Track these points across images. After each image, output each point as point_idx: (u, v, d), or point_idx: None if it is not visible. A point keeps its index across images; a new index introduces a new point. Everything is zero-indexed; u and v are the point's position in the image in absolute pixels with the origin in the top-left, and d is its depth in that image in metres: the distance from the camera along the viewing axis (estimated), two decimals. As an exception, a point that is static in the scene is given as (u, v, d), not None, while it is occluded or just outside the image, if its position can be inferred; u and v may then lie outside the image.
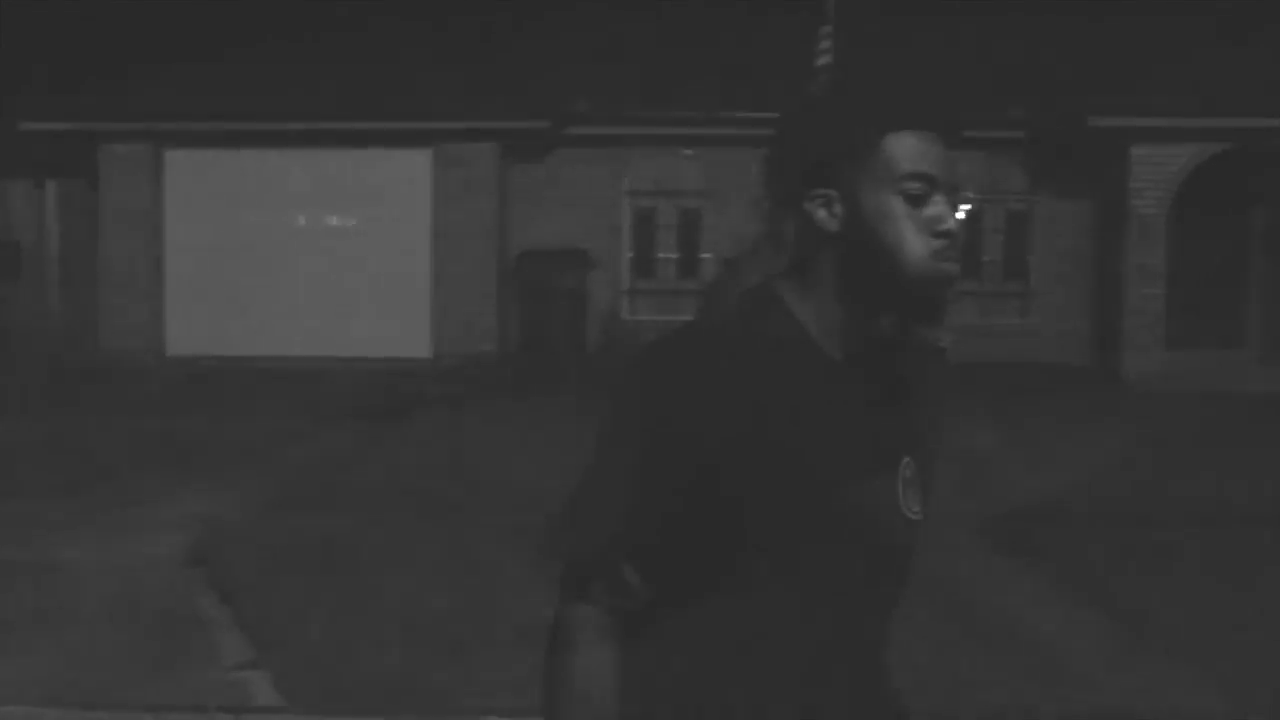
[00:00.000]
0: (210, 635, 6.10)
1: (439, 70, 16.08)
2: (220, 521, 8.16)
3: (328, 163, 16.05)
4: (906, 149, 2.15)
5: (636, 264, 16.29)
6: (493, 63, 16.24)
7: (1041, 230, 15.76)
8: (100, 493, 8.91)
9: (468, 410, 12.31)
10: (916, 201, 2.13)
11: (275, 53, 16.26)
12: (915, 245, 2.12)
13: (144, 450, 10.46)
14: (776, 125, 2.30)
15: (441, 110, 15.65)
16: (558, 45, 16.59)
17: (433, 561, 7.62)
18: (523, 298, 15.63)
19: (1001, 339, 15.66)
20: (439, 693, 5.66)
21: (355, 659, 5.97)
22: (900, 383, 2.32)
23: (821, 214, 2.15)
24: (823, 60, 14.78)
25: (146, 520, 8.19)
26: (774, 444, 2.09)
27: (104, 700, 5.31)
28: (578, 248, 15.71)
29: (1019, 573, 7.44)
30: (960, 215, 2.23)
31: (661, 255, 16.29)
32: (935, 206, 2.13)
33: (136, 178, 16.05)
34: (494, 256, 15.75)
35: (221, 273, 15.92)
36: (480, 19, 17.01)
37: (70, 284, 16.65)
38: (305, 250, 16.02)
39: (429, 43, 16.69)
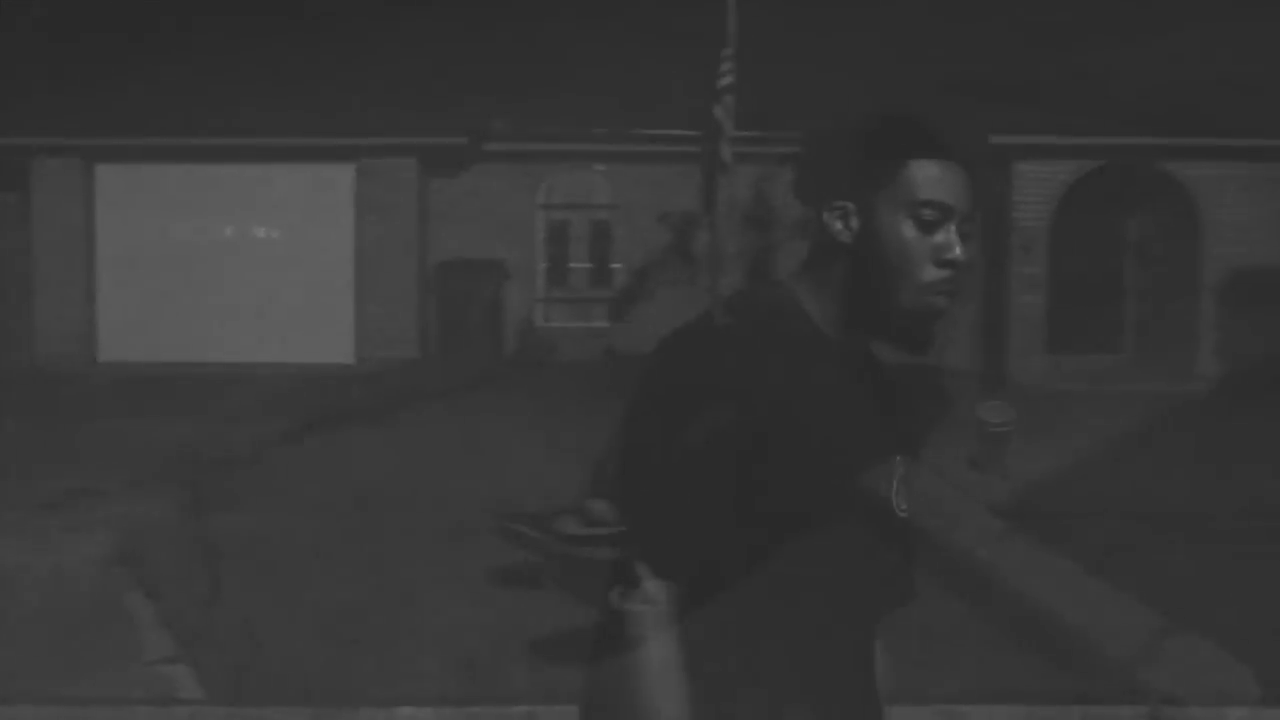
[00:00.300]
0: (134, 631, 6.08)
1: (361, 89, 16.06)
2: (146, 521, 8.07)
3: (254, 176, 15.96)
4: (927, 175, 2.14)
5: (550, 273, 16.35)
6: (412, 82, 16.25)
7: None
8: (28, 494, 8.76)
9: (389, 413, 12.31)
10: (928, 228, 2.12)
11: (203, 71, 16.15)
12: (915, 274, 2.10)
13: (73, 452, 10.37)
14: (810, 132, 2.27)
15: (363, 127, 15.64)
16: (474, 66, 16.64)
17: (351, 560, 7.66)
18: (442, 305, 15.64)
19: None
20: (355, 684, 5.71)
21: (275, 653, 6.01)
22: (893, 386, 2.36)
23: (837, 225, 2.15)
24: (725, 81, 14.94)
25: (73, 520, 8.07)
26: (804, 425, 2.10)
27: (28, 695, 5.27)
28: (494, 258, 15.74)
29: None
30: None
31: (574, 265, 16.37)
32: (944, 235, 2.11)
33: (68, 191, 15.87)
34: (414, 266, 15.75)
35: (152, 281, 15.77)
36: (400, 41, 17.02)
37: (5, 292, 16.45)
38: (233, 260, 15.93)
39: (351, 63, 16.65)
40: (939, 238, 2.12)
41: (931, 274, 2.10)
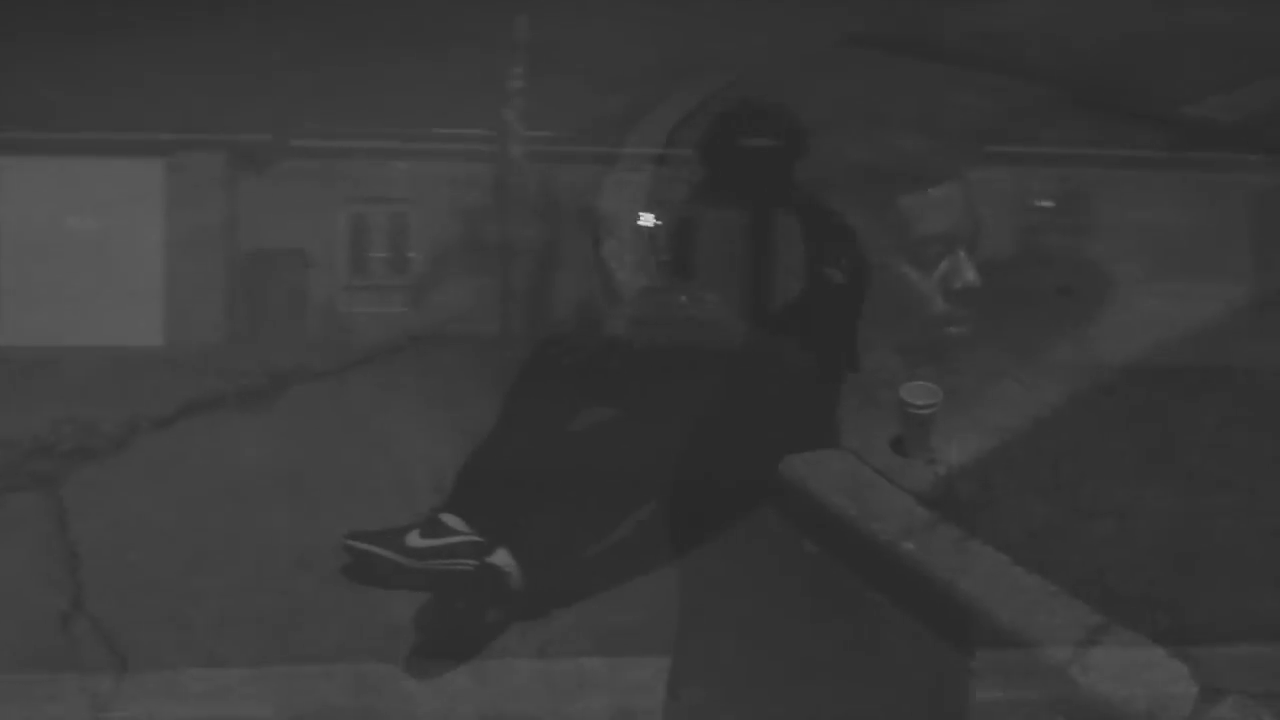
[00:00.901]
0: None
1: (172, 86, 16.17)
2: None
3: (67, 169, 15.92)
4: (921, 207, 1.84)
5: (352, 263, 16.62)
6: (222, 81, 16.40)
7: (706, 234, 16.64)
8: None
9: (193, 392, 12.43)
10: (931, 263, 1.88)
11: (16, 67, 16.09)
12: (923, 312, 1.85)
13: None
14: (776, 158, 2.04)
15: (173, 123, 15.76)
16: (281, 66, 16.85)
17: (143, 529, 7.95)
18: (249, 293, 15.81)
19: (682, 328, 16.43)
20: (130, 649, 6.11)
21: (91, 626, 6.34)
22: None
23: (828, 270, 1.90)
24: (515, 85, 15.43)
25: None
26: None
27: None
28: (299, 248, 15.96)
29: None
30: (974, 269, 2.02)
31: (374, 255, 16.66)
32: (950, 263, 1.86)
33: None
34: (222, 256, 15.88)
35: (-32, 270, 15.66)
36: (209, 40, 17.13)
37: None
38: (47, 250, 15.84)
39: (162, 60, 16.73)
40: (945, 266, 1.84)
41: (941, 307, 1.85)
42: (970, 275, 2.14)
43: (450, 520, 6.59)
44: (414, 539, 6.58)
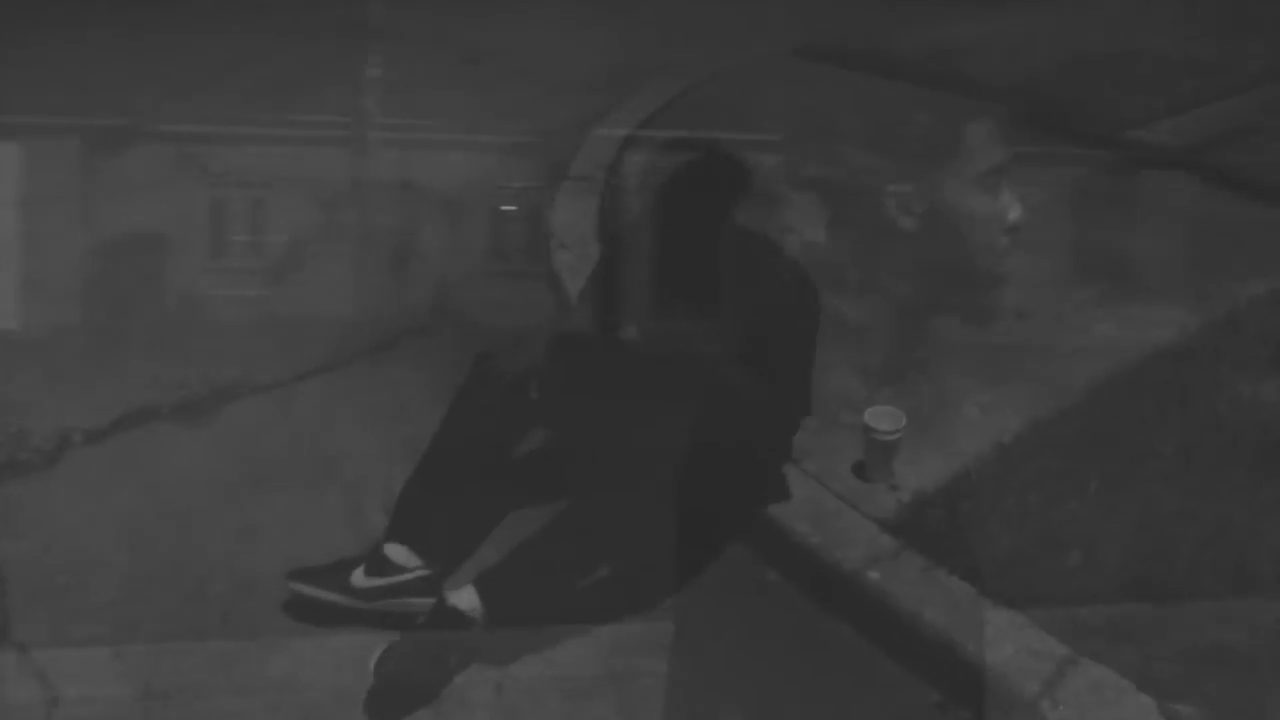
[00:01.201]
0: None
1: (23, 68, 16.07)
2: None
3: (-81, 153, 15.76)
4: (985, 136, 1.76)
5: (212, 246, 16.67)
6: (76, 63, 16.33)
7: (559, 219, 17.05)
8: None
9: (54, 372, 12.47)
10: (994, 195, 1.83)
11: None
12: (990, 246, 1.80)
13: None
14: (825, 116, 2.09)
15: (26, 105, 15.69)
16: (138, 48, 16.83)
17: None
18: (107, 277, 15.79)
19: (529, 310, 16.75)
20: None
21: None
22: None
23: (896, 212, 1.80)
24: (373, 72, 15.69)
25: None
26: None
27: None
28: (159, 231, 15.99)
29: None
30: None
31: (234, 238, 16.73)
32: (1003, 198, 1.84)
33: None
34: (79, 240, 15.84)
35: None
36: (64, 23, 17.00)
37: None
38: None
39: (18, 45, 16.60)
40: (1000, 202, 1.80)
41: (1002, 242, 1.83)
42: (1018, 211, 2.29)
43: (395, 554, 6.07)
44: (359, 578, 6.07)
